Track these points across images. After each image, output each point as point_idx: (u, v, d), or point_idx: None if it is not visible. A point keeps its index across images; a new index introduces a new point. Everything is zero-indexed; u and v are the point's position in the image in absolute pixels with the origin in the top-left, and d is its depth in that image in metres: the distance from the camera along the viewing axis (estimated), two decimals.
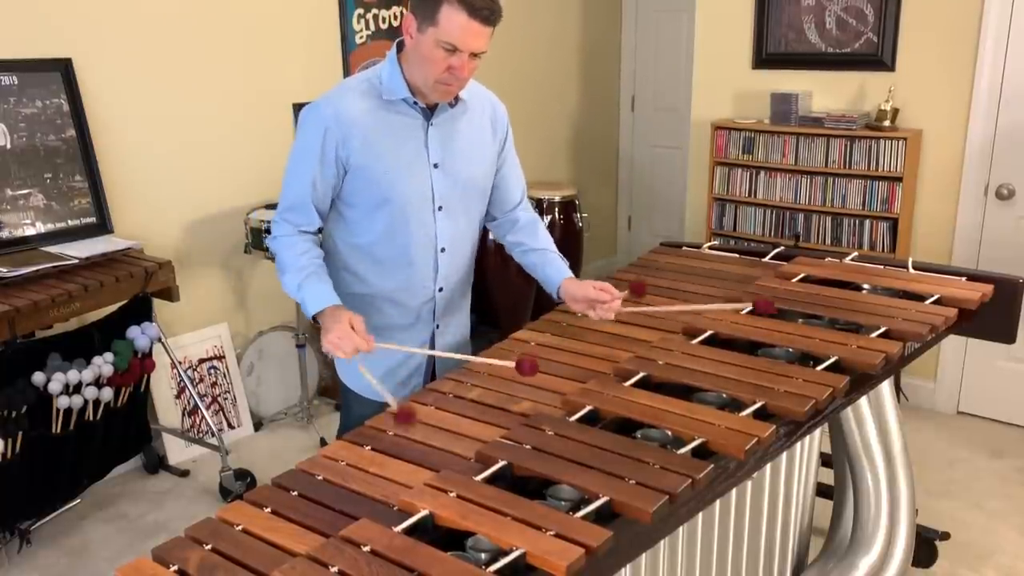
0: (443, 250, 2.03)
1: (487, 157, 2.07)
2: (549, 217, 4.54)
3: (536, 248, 2.16)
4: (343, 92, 1.91)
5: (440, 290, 2.07)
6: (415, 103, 1.91)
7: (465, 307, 2.23)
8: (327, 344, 1.80)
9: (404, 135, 1.92)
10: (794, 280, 2.34)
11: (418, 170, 1.94)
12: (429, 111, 1.93)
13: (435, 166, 1.95)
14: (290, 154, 1.95)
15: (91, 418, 2.87)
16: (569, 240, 4.62)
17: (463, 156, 2.00)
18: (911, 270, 2.38)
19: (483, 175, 2.07)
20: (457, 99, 1.95)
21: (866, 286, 2.28)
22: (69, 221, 3.02)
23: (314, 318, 1.87)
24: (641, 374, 1.79)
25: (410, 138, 1.92)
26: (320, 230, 2.02)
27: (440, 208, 1.98)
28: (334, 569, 1.19)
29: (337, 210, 2.00)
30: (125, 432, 3.11)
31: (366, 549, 1.23)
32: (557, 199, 4.56)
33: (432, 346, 2.12)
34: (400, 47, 1.91)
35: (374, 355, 1.87)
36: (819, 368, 1.81)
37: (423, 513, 1.31)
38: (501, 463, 1.46)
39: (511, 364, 1.80)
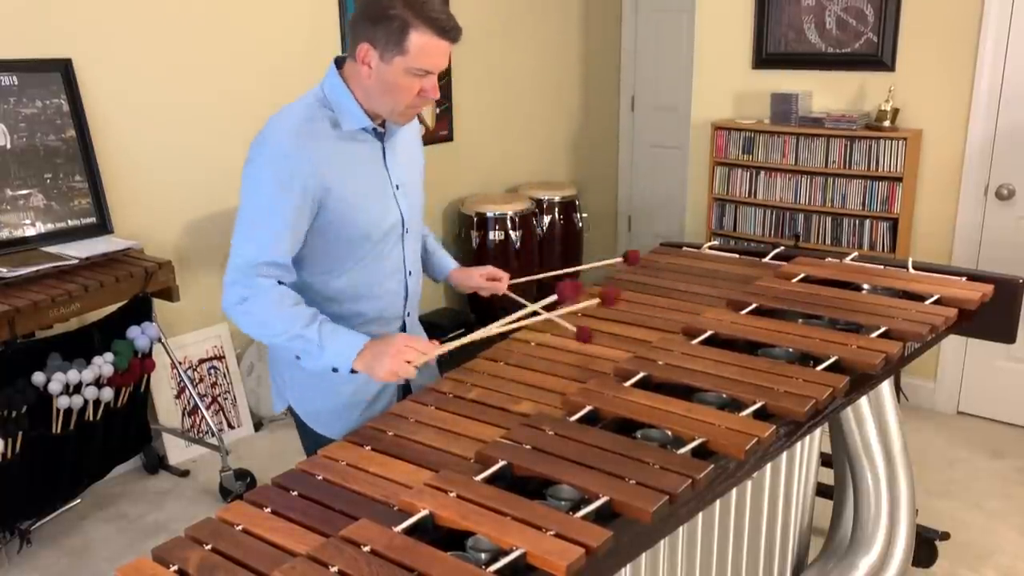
0: (410, 273, 1.94)
1: (422, 167, 1.99)
2: (549, 217, 4.54)
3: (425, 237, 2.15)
4: (301, 126, 1.72)
5: (408, 315, 1.98)
6: (373, 129, 1.80)
7: (417, 323, 2.12)
8: (394, 363, 1.67)
9: (368, 164, 1.81)
10: (794, 280, 2.34)
11: (386, 197, 1.83)
12: (381, 133, 1.82)
13: (397, 188, 1.85)
14: (255, 199, 1.72)
15: (91, 418, 2.88)
16: (569, 240, 4.63)
17: (411, 171, 1.92)
18: (911, 270, 2.38)
19: (423, 184, 1.99)
20: None
21: (866, 286, 2.28)
22: (69, 221, 3.02)
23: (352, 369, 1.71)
24: (641, 374, 1.79)
25: (374, 165, 1.82)
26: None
27: (407, 231, 1.89)
28: (334, 569, 1.19)
29: (308, 248, 1.79)
30: (125, 432, 3.11)
31: (366, 549, 1.23)
32: (557, 199, 4.56)
33: None
34: (339, 65, 1.78)
35: (340, 379, 1.79)
36: (819, 368, 1.81)
37: (423, 513, 1.31)
38: (501, 463, 1.46)
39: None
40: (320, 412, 1.93)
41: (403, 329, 1.97)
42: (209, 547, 1.29)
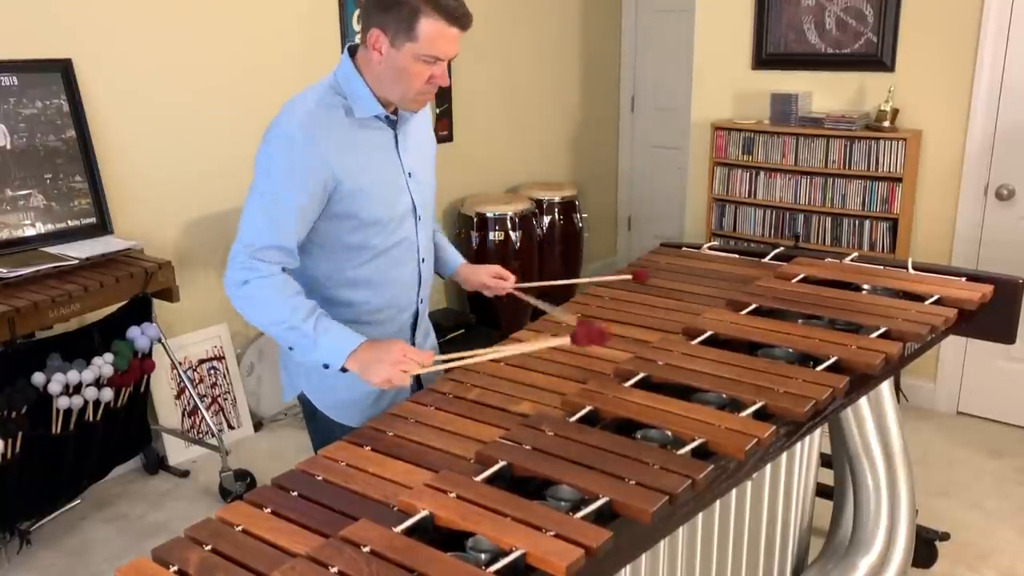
0: (423, 260, 1.97)
1: (433, 153, 2.01)
2: (549, 217, 4.54)
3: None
4: (314, 112, 1.74)
5: (421, 302, 2.01)
6: (385, 116, 1.82)
7: (426, 312, 2.13)
8: (392, 371, 1.65)
9: (381, 151, 1.83)
10: (794, 280, 2.34)
11: (399, 183, 1.86)
12: (393, 120, 1.84)
13: (409, 175, 1.88)
14: (264, 184, 1.73)
15: (91, 418, 2.87)
16: (569, 240, 4.63)
17: (422, 159, 1.94)
18: (911, 270, 2.38)
19: (433, 172, 2.01)
20: None
21: (866, 286, 2.28)
22: (69, 221, 3.02)
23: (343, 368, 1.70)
24: (641, 374, 1.79)
25: (386, 152, 1.84)
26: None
27: (420, 218, 1.92)
28: (334, 569, 1.19)
29: (321, 237, 1.81)
30: (125, 432, 3.11)
31: (366, 549, 1.23)
32: (557, 199, 4.56)
33: None
34: (352, 53, 1.79)
35: (351, 377, 1.74)
36: (819, 368, 1.81)
37: (423, 513, 1.31)
38: (501, 463, 1.46)
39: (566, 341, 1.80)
40: (342, 403, 1.94)
41: (416, 316, 2.00)
42: (209, 547, 1.28)
